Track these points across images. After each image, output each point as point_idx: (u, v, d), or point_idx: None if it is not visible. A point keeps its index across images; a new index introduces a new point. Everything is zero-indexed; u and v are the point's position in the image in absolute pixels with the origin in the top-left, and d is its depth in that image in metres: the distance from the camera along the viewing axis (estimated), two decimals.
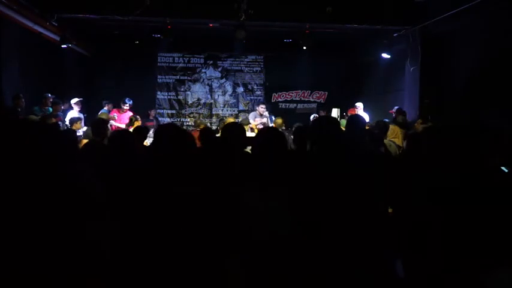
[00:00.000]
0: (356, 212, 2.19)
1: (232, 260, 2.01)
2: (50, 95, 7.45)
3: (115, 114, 8.23)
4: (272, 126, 5.59)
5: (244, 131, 2.98)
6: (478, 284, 1.91)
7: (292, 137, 6.79)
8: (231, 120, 6.71)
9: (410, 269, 2.24)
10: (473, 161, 2.26)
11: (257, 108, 8.55)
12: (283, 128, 7.21)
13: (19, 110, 6.38)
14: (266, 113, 8.22)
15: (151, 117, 9.97)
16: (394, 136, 5.78)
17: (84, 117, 7.67)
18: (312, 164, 2.43)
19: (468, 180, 2.09)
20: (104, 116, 6.46)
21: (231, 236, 2.01)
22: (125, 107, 8.36)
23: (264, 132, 2.51)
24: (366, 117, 7.87)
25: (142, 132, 4.78)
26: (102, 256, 1.93)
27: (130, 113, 8.22)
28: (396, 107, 7.57)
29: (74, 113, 7.56)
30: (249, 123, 7.62)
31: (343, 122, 7.69)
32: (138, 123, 7.00)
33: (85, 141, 4.59)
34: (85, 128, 6.40)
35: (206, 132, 3.84)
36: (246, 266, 2.00)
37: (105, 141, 3.72)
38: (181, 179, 2.05)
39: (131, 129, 5.58)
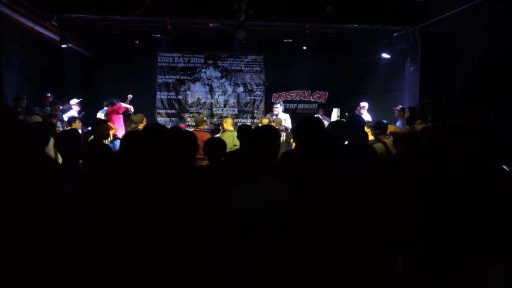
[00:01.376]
0: (342, 211, 2.18)
1: (230, 257, 2.01)
2: (49, 94, 7.45)
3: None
4: (244, 125, 5.57)
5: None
6: (472, 283, 1.92)
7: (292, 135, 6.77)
8: (230, 120, 6.70)
9: (407, 267, 2.24)
10: (473, 160, 2.26)
11: (274, 109, 8.50)
12: (276, 127, 7.17)
13: (19, 110, 6.38)
14: (281, 113, 8.20)
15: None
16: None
17: (82, 115, 7.67)
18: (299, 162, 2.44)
19: (467, 180, 2.09)
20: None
21: (223, 231, 2.01)
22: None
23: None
24: (369, 118, 7.87)
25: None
26: (96, 250, 1.94)
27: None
28: (400, 106, 7.55)
29: (74, 113, 7.57)
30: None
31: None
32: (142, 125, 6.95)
33: None
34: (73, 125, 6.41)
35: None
36: (243, 262, 2.00)
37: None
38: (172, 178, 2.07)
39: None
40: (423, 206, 2.29)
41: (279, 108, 8.37)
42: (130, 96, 8.96)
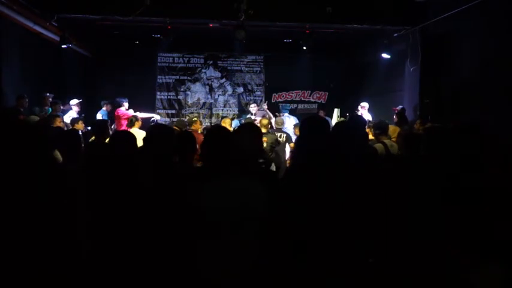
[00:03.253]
0: (340, 210, 2.17)
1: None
2: (48, 94, 7.43)
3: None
4: (217, 125, 5.61)
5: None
6: (465, 281, 1.92)
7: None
8: (227, 120, 6.72)
9: (404, 266, 2.24)
10: (472, 161, 2.26)
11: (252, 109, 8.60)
12: (275, 128, 7.15)
13: (21, 110, 6.38)
14: (258, 112, 8.21)
15: None
16: (396, 136, 5.74)
17: (82, 117, 7.67)
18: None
19: (467, 180, 2.10)
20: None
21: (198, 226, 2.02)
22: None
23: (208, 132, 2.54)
24: (370, 118, 7.86)
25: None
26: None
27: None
28: (400, 106, 7.54)
29: (73, 113, 7.56)
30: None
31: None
32: (138, 124, 6.96)
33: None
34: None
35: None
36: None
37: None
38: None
39: None
40: (423, 206, 2.29)
41: (253, 109, 8.51)
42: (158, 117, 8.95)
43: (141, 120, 7.33)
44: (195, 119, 6.37)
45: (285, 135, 6.98)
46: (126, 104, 8.20)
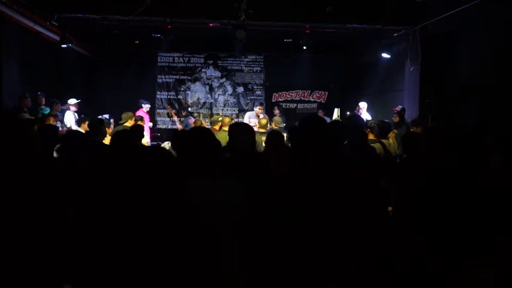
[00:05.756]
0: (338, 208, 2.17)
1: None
2: (40, 93, 7.36)
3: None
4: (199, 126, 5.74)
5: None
6: (474, 279, 1.92)
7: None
8: (227, 119, 6.72)
9: (407, 266, 2.24)
10: (472, 161, 2.26)
11: (255, 109, 8.57)
12: (276, 127, 7.14)
13: (25, 109, 6.38)
14: (262, 115, 8.25)
15: None
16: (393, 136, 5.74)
17: (81, 117, 7.66)
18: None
19: (467, 181, 2.10)
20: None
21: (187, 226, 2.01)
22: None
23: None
24: (369, 118, 7.86)
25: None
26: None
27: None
28: (400, 106, 7.54)
29: (71, 113, 7.54)
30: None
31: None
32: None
33: None
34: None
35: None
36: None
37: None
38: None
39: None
40: (422, 207, 2.29)
41: (263, 113, 8.38)
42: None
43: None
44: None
45: (285, 135, 6.96)
46: (145, 106, 8.25)
